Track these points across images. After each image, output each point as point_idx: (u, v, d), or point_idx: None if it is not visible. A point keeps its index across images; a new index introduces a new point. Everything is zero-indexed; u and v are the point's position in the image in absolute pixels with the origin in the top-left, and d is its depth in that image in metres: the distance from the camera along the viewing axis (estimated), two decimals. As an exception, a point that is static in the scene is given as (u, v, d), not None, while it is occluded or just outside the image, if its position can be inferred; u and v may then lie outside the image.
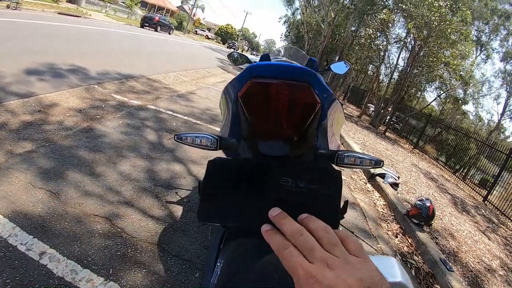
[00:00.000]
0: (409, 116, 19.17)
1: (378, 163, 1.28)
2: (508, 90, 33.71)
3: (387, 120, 19.17)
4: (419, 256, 4.00)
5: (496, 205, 9.85)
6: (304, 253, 0.52)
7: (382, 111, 18.06)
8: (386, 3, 20.79)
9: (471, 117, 41.31)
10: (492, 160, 11.90)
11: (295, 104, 1.03)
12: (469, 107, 38.39)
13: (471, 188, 11.49)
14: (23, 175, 2.73)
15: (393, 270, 1.21)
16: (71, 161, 3.22)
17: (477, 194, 10.96)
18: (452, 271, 3.64)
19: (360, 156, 1.26)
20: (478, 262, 4.63)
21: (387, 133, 17.38)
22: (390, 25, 17.92)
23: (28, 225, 2.23)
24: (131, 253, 2.28)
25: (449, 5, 14.59)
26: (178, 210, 2.99)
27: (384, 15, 17.22)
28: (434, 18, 14.34)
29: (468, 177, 14.38)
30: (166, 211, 2.92)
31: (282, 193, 0.85)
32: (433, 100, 24.17)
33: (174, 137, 1.35)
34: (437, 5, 14.28)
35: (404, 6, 15.84)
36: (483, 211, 8.71)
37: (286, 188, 0.86)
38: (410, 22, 15.52)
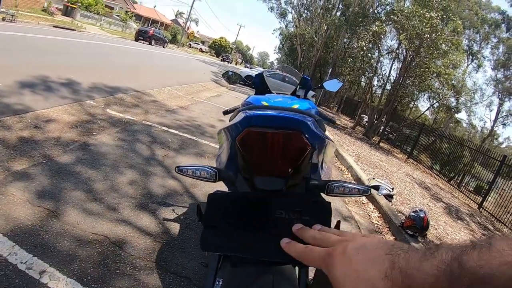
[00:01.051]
0: (402, 126, 19.29)
1: (366, 191, 1.42)
2: (499, 97, 34.08)
3: (380, 131, 19.26)
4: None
5: (491, 212, 9.92)
6: (324, 246, 0.63)
7: (375, 122, 18.17)
8: (378, 15, 21.00)
9: (465, 125, 41.64)
10: (486, 167, 12.04)
11: (288, 148, 1.13)
12: (462, 115, 38.78)
13: (466, 195, 11.61)
14: (20, 193, 2.75)
15: None
16: (68, 178, 3.24)
17: (472, 201, 11.07)
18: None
19: (349, 186, 1.36)
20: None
21: (381, 144, 17.45)
22: (382, 36, 18.08)
23: (28, 243, 2.24)
24: (130, 271, 2.31)
25: (440, 16, 14.76)
26: (175, 228, 3.02)
27: (376, 27, 17.40)
28: (425, 29, 14.51)
29: (463, 185, 14.50)
30: (163, 228, 2.94)
31: (277, 225, 0.96)
32: (426, 110, 24.38)
33: (176, 169, 1.44)
34: (428, 16, 14.44)
35: (395, 18, 16.00)
36: (478, 218, 8.79)
37: (280, 220, 0.96)
38: (402, 33, 15.68)
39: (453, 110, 29.59)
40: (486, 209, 10.22)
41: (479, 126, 42.26)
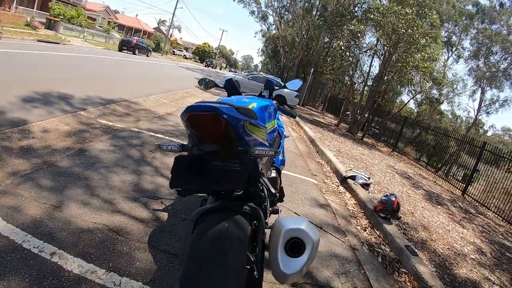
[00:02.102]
0: (386, 120, 19.66)
1: (276, 152, 1.83)
2: (481, 86, 34.77)
3: (365, 126, 19.61)
4: (386, 246, 4.40)
5: (475, 197, 10.23)
6: None
7: (359, 117, 18.55)
8: (355, 14, 21.43)
9: (450, 116, 42.30)
10: (472, 155, 12.29)
11: (212, 124, 1.64)
12: (447, 107, 39.37)
13: (451, 183, 11.93)
14: (27, 193, 3.11)
15: (300, 222, 1.77)
16: (67, 179, 3.62)
17: (456, 188, 11.42)
18: (417, 255, 4.05)
19: (264, 149, 1.78)
20: (448, 248, 5.00)
21: (365, 139, 17.82)
22: (359, 35, 18.46)
23: (38, 232, 2.62)
24: (126, 250, 2.72)
25: (415, 11, 15.16)
26: (164, 216, 3.44)
27: (352, 26, 17.78)
28: (401, 25, 14.92)
29: (451, 174, 14.80)
30: (153, 216, 3.37)
31: (214, 169, 1.66)
32: (406, 103, 24.90)
33: (156, 145, 1.93)
34: (403, 12, 14.85)
35: (372, 16, 16.41)
36: (460, 203, 9.08)
37: (217, 167, 1.65)
38: (379, 30, 16.09)
39: (434, 102, 30.11)
40: (470, 195, 10.54)
41: (464, 116, 43.01)
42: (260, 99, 2.89)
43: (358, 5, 25.38)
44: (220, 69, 73.53)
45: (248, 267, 1.67)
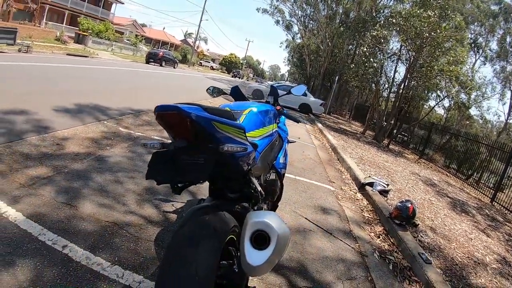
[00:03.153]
0: (413, 127, 19.32)
1: (245, 147, 1.85)
2: (510, 88, 33.77)
3: (393, 133, 19.32)
4: (399, 253, 4.30)
5: (505, 205, 9.80)
6: None
7: (384, 124, 18.32)
8: (378, 19, 21.21)
9: (480, 121, 41.25)
10: (503, 161, 11.89)
11: (179, 122, 1.71)
12: (476, 111, 38.41)
13: (480, 191, 11.55)
14: (47, 193, 3.39)
15: (267, 216, 1.79)
16: (86, 181, 3.87)
17: (484, 196, 11.04)
18: (430, 263, 3.93)
19: (235, 145, 1.82)
20: (468, 257, 4.81)
21: (391, 146, 17.57)
22: (382, 40, 18.25)
23: (53, 227, 2.86)
24: (133, 247, 2.90)
25: (438, 14, 14.91)
26: (173, 217, 3.62)
27: (375, 32, 17.60)
28: (425, 28, 14.69)
29: (482, 181, 14.31)
30: (163, 218, 3.56)
31: (182, 163, 1.73)
32: (432, 108, 24.20)
33: (141, 144, 2.18)
34: (426, 15, 14.62)
35: (394, 21, 16.21)
36: (487, 211, 8.75)
37: (185, 160, 1.72)
38: (402, 35, 15.88)
39: (462, 107, 29.43)
40: (500, 202, 10.14)
41: (494, 120, 41.89)
42: (260, 104, 2.95)
43: (380, 10, 25.09)
44: (247, 80, 73.86)
45: (225, 262, 1.82)
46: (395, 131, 19.64)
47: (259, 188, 2.25)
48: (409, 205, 4.81)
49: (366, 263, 3.81)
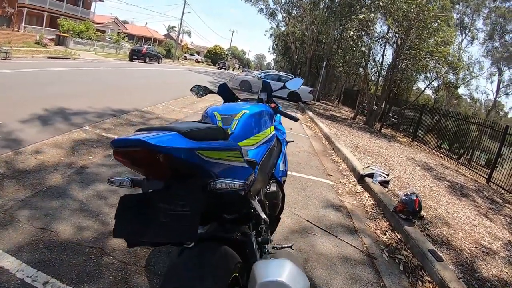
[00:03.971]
0: (404, 109, 19.23)
1: (243, 185, 1.48)
2: (498, 67, 33.83)
3: (383, 117, 19.23)
4: (408, 251, 4.08)
5: (501, 185, 9.81)
6: None
7: (375, 108, 18.17)
8: (364, 2, 20.97)
9: (468, 100, 41.42)
10: (495, 139, 12.02)
11: (145, 159, 1.29)
12: (464, 91, 38.55)
13: (474, 171, 11.53)
14: (25, 219, 3.05)
15: (281, 270, 1.47)
16: (65, 200, 3.51)
17: (480, 176, 10.98)
18: (441, 260, 3.71)
19: (230, 181, 1.45)
20: (476, 247, 4.63)
21: (383, 130, 17.48)
22: (370, 24, 18.08)
23: (32, 260, 2.55)
24: (121, 276, 2.60)
25: (425, -6, 14.75)
26: None
27: (362, 15, 17.38)
28: (412, 10, 14.50)
29: (474, 160, 14.44)
30: None
31: (159, 214, 1.29)
32: (423, 91, 24.13)
33: (107, 181, 1.65)
34: (413, -4, 14.46)
35: (381, 3, 16.00)
36: (485, 193, 8.66)
37: (161, 211, 1.29)
38: (389, 17, 15.68)
39: (451, 87, 29.41)
40: (495, 182, 10.11)
41: (483, 99, 42.09)
42: (252, 105, 2.57)
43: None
44: (233, 70, 73.31)
45: None
46: (384, 114, 19.47)
47: (263, 216, 1.90)
48: (415, 198, 4.56)
49: (376, 266, 3.57)
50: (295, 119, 3.44)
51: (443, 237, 4.65)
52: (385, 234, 4.41)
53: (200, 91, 3.33)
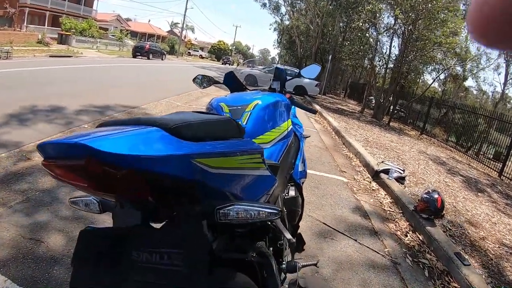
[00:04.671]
0: (411, 102, 18.96)
1: (275, 214, 1.03)
2: (506, 59, 33.33)
3: (390, 110, 18.99)
4: (432, 254, 3.80)
5: (512, 178, 9.51)
6: None
7: (383, 102, 17.88)
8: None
9: (475, 92, 41.02)
10: (503, 132, 11.80)
11: (96, 177, 0.80)
12: (471, 83, 38.20)
13: (485, 164, 11.25)
14: (14, 228, 2.75)
15: None
16: (60, 207, 3.19)
17: (491, 170, 10.71)
18: (469, 264, 3.44)
19: (253, 207, 1.00)
20: (499, 247, 4.37)
21: (391, 123, 17.22)
22: (377, 15, 17.82)
23: (19, 277, 2.25)
24: None
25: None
26: None
27: (369, 6, 17.11)
28: (419, 0, 14.22)
29: (482, 153, 14.15)
30: None
31: (132, 271, 0.85)
32: (432, 83, 23.73)
33: (69, 201, 1.24)
34: (420, -14, 14.19)
35: (388, -6, 15.77)
36: (499, 187, 8.41)
37: (136, 264, 0.85)
38: (397, 8, 15.39)
39: (459, 78, 29.02)
40: (507, 176, 9.84)
41: (490, 91, 41.64)
42: (266, 95, 2.16)
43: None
44: (238, 65, 73.12)
45: None
46: (391, 107, 19.22)
47: (288, 235, 1.44)
48: (437, 196, 4.26)
49: (400, 272, 3.28)
50: (313, 111, 3.03)
51: (466, 237, 4.39)
52: (406, 236, 4.13)
53: (204, 82, 2.90)
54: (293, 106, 2.61)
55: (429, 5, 14.27)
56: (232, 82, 2.67)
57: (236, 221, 0.97)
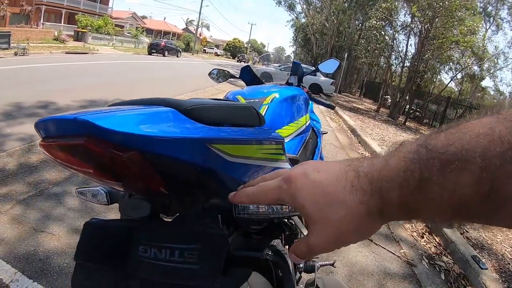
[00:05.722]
0: (428, 102, 18.77)
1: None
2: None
3: (406, 110, 18.82)
4: (448, 256, 3.73)
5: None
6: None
7: (399, 101, 17.74)
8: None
9: (492, 93, 40.44)
10: None
11: (100, 160, 0.68)
12: (488, 83, 37.63)
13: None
14: (26, 220, 2.77)
15: None
16: (72, 201, 3.21)
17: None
18: (486, 268, 3.36)
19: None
20: (516, 251, 4.28)
21: (407, 123, 17.02)
22: (393, 12, 17.67)
23: (29, 269, 2.26)
24: None
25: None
26: None
27: (386, 4, 16.96)
28: (437, -2, 14.08)
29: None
30: None
31: (139, 268, 0.76)
32: (449, 82, 23.38)
33: (76, 191, 1.14)
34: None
35: (405, -9, 15.63)
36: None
37: (143, 260, 0.76)
38: (414, 6, 15.23)
39: (477, 78, 28.63)
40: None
41: (507, 91, 41.03)
42: (283, 88, 2.08)
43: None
44: (254, 64, 73.06)
45: None
46: (407, 106, 19.04)
47: (305, 231, 1.29)
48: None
49: (416, 275, 3.23)
50: (332, 106, 2.95)
51: (483, 240, 4.30)
52: (423, 237, 4.06)
53: (220, 76, 2.83)
54: (310, 102, 2.55)
55: (446, 2, 14.06)
56: (248, 76, 2.63)
57: (256, 216, 0.89)
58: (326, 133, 3.41)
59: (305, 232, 1.27)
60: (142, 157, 0.69)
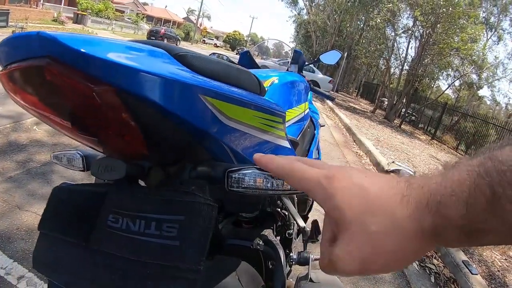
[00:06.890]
0: (424, 107, 18.84)
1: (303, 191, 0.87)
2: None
3: (402, 113, 18.88)
4: (439, 260, 3.70)
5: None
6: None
7: (396, 104, 17.78)
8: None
9: (488, 102, 40.68)
10: None
11: (69, 94, 0.56)
12: (485, 92, 37.82)
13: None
14: (11, 198, 2.71)
15: None
16: (60, 180, 3.05)
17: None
18: (476, 274, 3.34)
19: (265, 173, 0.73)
20: (506, 259, 4.25)
21: (402, 126, 17.09)
22: (396, 14, 17.68)
23: (10, 248, 2.21)
24: None
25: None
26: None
27: (390, 4, 16.96)
28: (441, 3, 14.04)
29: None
30: None
31: (105, 241, 0.63)
32: (447, 88, 23.46)
33: (51, 156, 0.99)
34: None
35: (408, -6, 15.62)
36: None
37: (113, 233, 0.63)
38: (417, 9, 15.23)
39: (475, 87, 28.72)
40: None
41: (503, 102, 41.27)
42: (284, 73, 1.95)
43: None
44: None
45: None
46: (403, 110, 19.13)
47: (302, 223, 1.20)
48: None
49: (406, 276, 3.20)
50: (332, 98, 2.87)
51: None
52: (414, 240, 4.05)
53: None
54: (310, 92, 2.42)
55: (450, 9, 14.06)
56: (248, 62, 2.50)
57: (252, 190, 0.72)
58: (324, 126, 3.32)
59: (302, 224, 1.21)
60: (117, 96, 0.55)
